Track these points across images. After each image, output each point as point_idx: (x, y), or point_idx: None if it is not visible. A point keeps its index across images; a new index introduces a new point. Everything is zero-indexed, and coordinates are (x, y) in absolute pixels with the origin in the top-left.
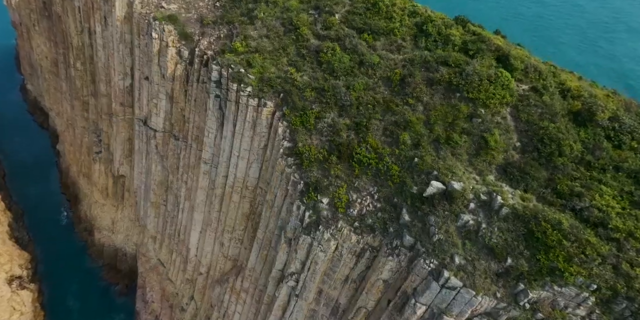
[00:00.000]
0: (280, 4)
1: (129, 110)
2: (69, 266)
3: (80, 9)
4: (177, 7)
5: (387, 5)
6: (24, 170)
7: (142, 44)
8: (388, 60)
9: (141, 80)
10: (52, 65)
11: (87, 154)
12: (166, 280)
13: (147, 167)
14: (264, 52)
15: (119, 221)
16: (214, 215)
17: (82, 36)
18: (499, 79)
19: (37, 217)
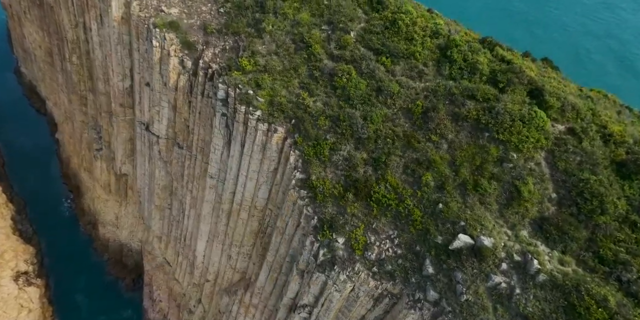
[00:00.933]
0: (290, 17)
1: (130, 111)
2: (74, 260)
3: (74, 2)
4: (178, 11)
5: (407, 24)
6: (23, 158)
7: (141, 49)
8: (409, 88)
9: (142, 85)
10: (46, 55)
11: (87, 149)
12: (173, 280)
13: (150, 171)
14: (273, 72)
15: (122, 217)
16: (220, 228)
17: (77, 30)
18: (533, 120)
19: (39, 208)
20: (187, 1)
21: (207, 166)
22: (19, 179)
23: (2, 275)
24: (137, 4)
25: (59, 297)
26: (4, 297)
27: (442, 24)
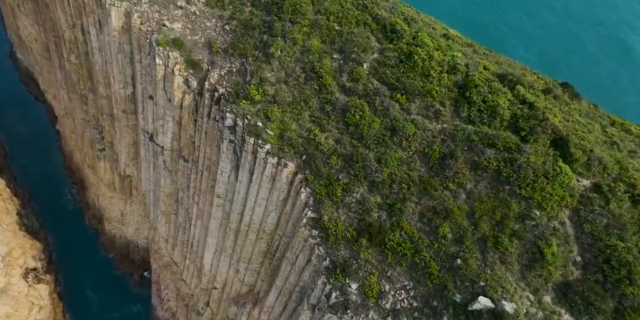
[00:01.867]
0: (300, 42)
1: (132, 117)
2: (82, 254)
3: (70, 3)
4: (182, 26)
5: (424, 59)
6: (24, 147)
7: (143, 62)
8: (425, 130)
9: (144, 97)
10: (43, 50)
11: (90, 146)
12: (180, 280)
13: (155, 178)
14: (283, 104)
15: (128, 214)
16: (228, 243)
17: (75, 31)
18: (557, 177)
19: (44, 200)
20: (190, 15)
21: (214, 183)
22: (22, 170)
23: (12, 274)
24: (138, 16)
25: (68, 292)
26: (14, 295)
27: (460, 56)
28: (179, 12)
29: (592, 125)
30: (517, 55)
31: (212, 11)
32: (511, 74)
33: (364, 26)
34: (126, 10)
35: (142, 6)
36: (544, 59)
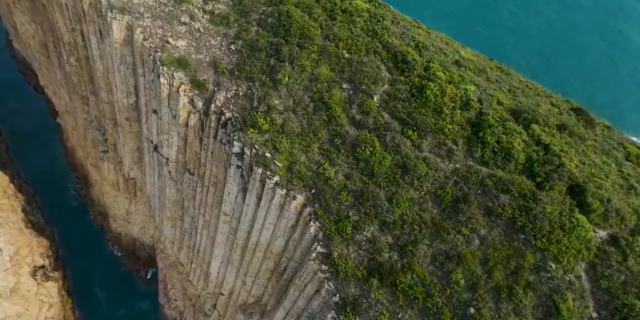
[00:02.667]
0: (308, 69)
1: (136, 124)
2: (88, 251)
3: (69, 7)
4: (186, 44)
5: (436, 95)
6: (26, 140)
7: (147, 77)
8: (437, 170)
9: (149, 110)
10: (41, 48)
11: (92, 146)
12: (187, 281)
13: (160, 186)
14: (291, 134)
15: (133, 213)
16: (235, 257)
17: (74, 34)
18: (574, 230)
19: (48, 195)
20: (194, 32)
21: (220, 199)
22: (25, 164)
23: (21, 273)
24: (141, 31)
25: (77, 289)
26: (24, 294)
27: (472, 90)
28: (182, 29)
29: (608, 165)
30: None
31: (217, 29)
32: (526, 111)
33: (374, 54)
34: (128, 23)
35: (145, 21)
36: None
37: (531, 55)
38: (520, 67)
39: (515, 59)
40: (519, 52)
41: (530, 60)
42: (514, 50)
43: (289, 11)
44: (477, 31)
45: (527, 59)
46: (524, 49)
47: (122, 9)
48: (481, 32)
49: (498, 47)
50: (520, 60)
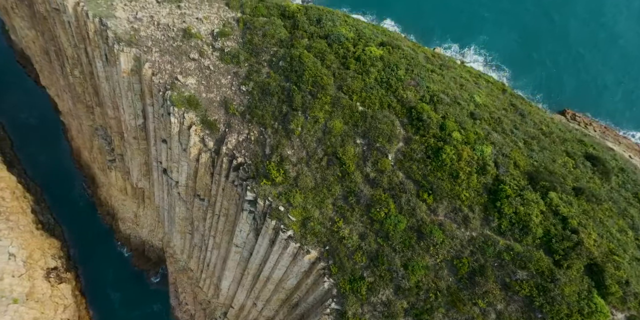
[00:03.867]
0: (321, 121)
1: (144, 142)
2: (99, 251)
3: (72, 25)
4: (196, 82)
5: (452, 159)
6: (29, 135)
7: (155, 107)
8: (453, 238)
9: (157, 137)
10: (42, 53)
11: (99, 153)
12: (197, 287)
13: (170, 203)
14: (305, 189)
15: (142, 217)
16: (246, 282)
17: (78, 51)
18: (593, 315)
19: (56, 194)
20: (204, 69)
21: (231, 228)
22: (31, 161)
23: (35, 276)
24: (149, 66)
25: (89, 289)
26: (40, 298)
27: (489, 152)
28: (191, 65)
29: (625, 234)
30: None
31: (227, 67)
32: (543, 178)
33: (388, 108)
34: (135, 55)
35: (153, 55)
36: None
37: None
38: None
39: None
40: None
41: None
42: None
43: (301, 56)
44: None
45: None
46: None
47: (130, 41)
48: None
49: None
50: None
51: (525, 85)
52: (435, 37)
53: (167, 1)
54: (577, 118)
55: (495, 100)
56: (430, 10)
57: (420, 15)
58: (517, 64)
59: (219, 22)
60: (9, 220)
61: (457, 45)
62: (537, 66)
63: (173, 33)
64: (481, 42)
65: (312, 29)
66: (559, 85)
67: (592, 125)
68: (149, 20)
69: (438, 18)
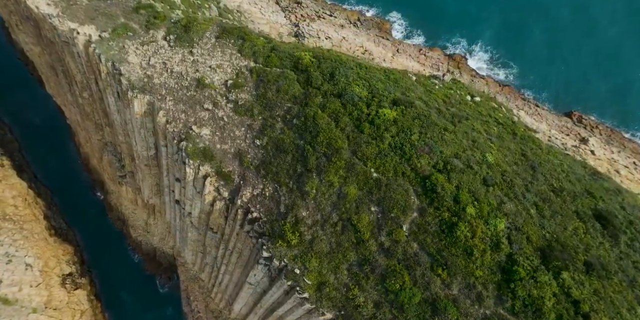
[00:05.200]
0: (336, 185)
1: (156, 168)
2: (111, 255)
3: (82, 58)
4: (210, 133)
5: (466, 236)
6: (36, 137)
7: (169, 150)
8: (468, 316)
9: (170, 175)
10: (48, 67)
11: (108, 165)
12: (209, 297)
13: (182, 226)
14: (320, 254)
15: (152, 225)
16: (260, 312)
17: (88, 78)
18: None
19: (66, 197)
20: (218, 120)
21: (244, 263)
22: (39, 164)
23: (52, 284)
24: (164, 115)
25: (104, 292)
26: (57, 305)
27: (502, 228)
28: (205, 115)
29: (634, 311)
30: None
31: (241, 119)
32: (556, 258)
33: (402, 176)
34: (149, 101)
35: (167, 104)
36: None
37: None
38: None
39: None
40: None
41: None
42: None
43: (315, 117)
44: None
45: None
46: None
47: (143, 88)
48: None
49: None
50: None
51: (532, 84)
52: (442, 32)
53: (180, 46)
54: (584, 121)
55: (506, 152)
56: (438, 4)
57: (428, 8)
58: (524, 61)
59: (232, 71)
60: (23, 228)
61: (464, 41)
62: (545, 64)
63: (187, 82)
64: (489, 37)
65: (326, 86)
66: (566, 84)
67: (598, 128)
68: (162, 67)
69: (446, 12)
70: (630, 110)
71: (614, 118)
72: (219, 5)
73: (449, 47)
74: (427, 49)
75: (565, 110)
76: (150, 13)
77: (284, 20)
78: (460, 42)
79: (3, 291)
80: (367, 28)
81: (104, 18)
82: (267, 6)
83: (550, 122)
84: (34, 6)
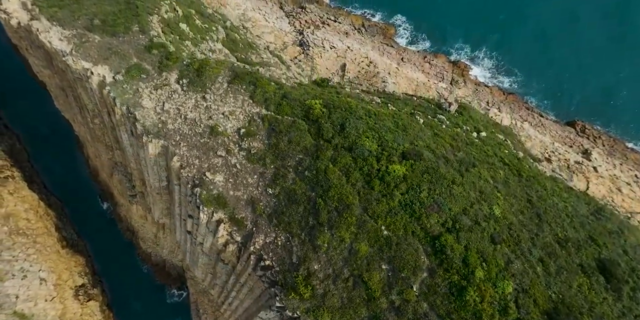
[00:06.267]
0: (347, 241)
1: (167, 196)
2: (121, 265)
3: (95, 94)
4: (223, 180)
5: (475, 300)
6: (45, 146)
7: (182, 190)
8: None
9: (183, 214)
10: (58, 89)
11: (118, 183)
12: (218, 311)
13: (192, 251)
14: (332, 309)
15: (162, 238)
16: None
17: (100, 110)
18: None
19: (76, 206)
20: (231, 167)
21: (255, 299)
22: (48, 173)
23: (65, 297)
24: (178, 160)
25: (115, 303)
26: (72, 317)
27: (510, 290)
28: (218, 162)
29: None
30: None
31: (254, 167)
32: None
33: (412, 235)
34: (163, 145)
35: (181, 149)
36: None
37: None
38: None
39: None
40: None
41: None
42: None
43: (326, 171)
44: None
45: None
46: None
47: (158, 134)
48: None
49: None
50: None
51: (536, 91)
52: (447, 37)
53: (193, 90)
54: (587, 131)
55: (512, 201)
56: (443, 9)
57: (432, 13)
58: (528, 68)
59: (244, 117)
60: (36, 242)
61: (468, 47)
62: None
63: (200, 129)
64: (493, 43)
65: (337, 139)
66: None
67: (601, 139)
68: (175, 112)
69: (450, 17)
70: (634, 120)
71: (617, 127)
72: (225, 25)
73: (453, 53)
74: (432, 56)
75: (568, 119)
76: (162, 53)
77: (289, 27)
78: (463, 48)
79: (20, 307)
80: (371, 35)
81: (117, 58)
82: (271, 12)
83: (553, 134)
84: (46, 41)
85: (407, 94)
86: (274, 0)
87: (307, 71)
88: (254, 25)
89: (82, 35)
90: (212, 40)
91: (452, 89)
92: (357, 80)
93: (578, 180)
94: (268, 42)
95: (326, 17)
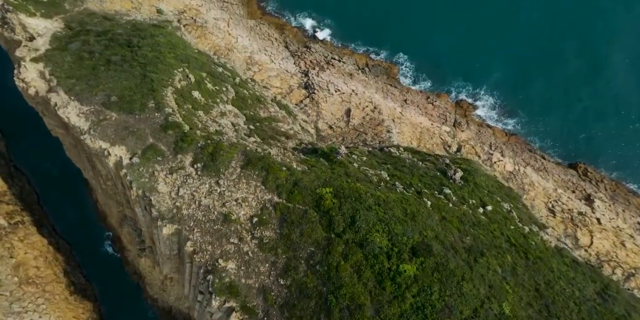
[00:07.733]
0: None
1: (177, 261)
2: (128, 308)
3: (111, 171)
4: (235, 267)
5: None
6: (54, 187)
7: (194, 270)
8: None
9: (193, 291)
10: (71, 146)
11: (127, 234)
12: None
13: (201, 313)
14: None
15: (169, 286)
16: None
17: (115, 179)
18: None
19: (84, 250)
20: (243, 255)
21: None
22: (57, 216)
23: None
24: (191, 245)
25: None
26: None
27: None
28: (231, 248)
29: None
30: None
31: (265, 255)
32: None
33: None
34: (177, 229)
35: (195, 235)
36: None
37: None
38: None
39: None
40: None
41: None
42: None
43: (338, 268)
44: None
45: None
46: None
47: (172, 219)
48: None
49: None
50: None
51: (538, 132)
52: (448, 75)
53: (207, 175)
54: (589, 174)
55: (521, 292)
56: (444, 49)
57: (434, 53)
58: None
59: (256, 204)
60: (45, 291)
61: (470, 86)
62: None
63: (214, 216)
64: (495, 82)
65: (348, 235)
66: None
67: (604, 182)
68: (190, 198)
69: (452, 56)
70: (637, 161)
71: (619, 169)
72: (234, 82)
73: (453, 92)
74: (434, 96)
75: (571, 161)
76: (177, 133)
77: (294, 68)
78: (465, 86)
79: None
80: (375, 75)
81: (134, 138)
82: (277, 52)
83: (556, 178)
84: (64, 116)
85: (411, 149)
86: (279, 40)
87: (312, 117)
88: (260, 69)
89: (100, 113)
90: (222, 103)
91: (455, 133)
92: (361, 128)
93: (582, 235)
94: (274, 88)
95: (330, 56)
